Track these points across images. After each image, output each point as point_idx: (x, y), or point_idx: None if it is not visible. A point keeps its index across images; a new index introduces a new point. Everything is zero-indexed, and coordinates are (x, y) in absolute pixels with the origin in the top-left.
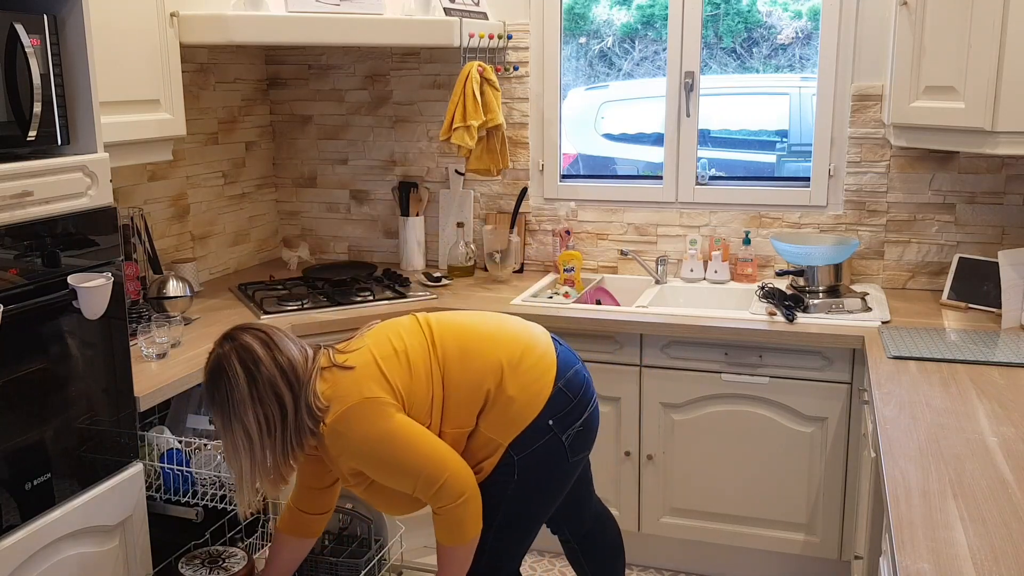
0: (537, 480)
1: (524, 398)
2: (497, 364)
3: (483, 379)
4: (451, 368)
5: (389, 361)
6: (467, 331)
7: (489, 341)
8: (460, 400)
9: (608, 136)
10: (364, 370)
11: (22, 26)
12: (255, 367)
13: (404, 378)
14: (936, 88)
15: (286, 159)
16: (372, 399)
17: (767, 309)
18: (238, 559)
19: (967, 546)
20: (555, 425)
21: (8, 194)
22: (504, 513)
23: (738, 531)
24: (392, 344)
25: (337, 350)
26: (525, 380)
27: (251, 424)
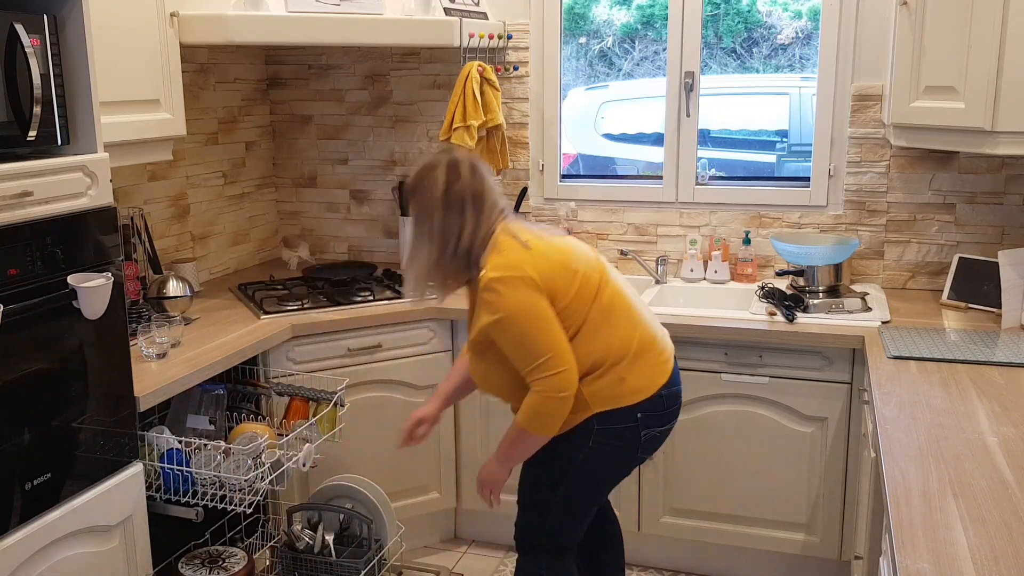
0: (607, 456)
1: (633, 384)
2: (629, 342)
3: (610, 346)
4: (593, 318)
5: (561, 270)
6: (622, 297)
7: (634, 319)
8: (582, 349)
9: (608, 136)
10: (539, 260)
11: (22, 26)
12: (454, 180)
13: (565, 290)
14: (936, 88)
15: (286, 159)
16: (534, 280)
17: (767, 309)
18: (238, 559)
19: (967, 546)
20: (642, 419)
21: (8, 194)
22: (573, 475)
23: (738, 531)
24: (574, 261)
25: (526, 227)
26: (641, 370)
27: (435, 227)
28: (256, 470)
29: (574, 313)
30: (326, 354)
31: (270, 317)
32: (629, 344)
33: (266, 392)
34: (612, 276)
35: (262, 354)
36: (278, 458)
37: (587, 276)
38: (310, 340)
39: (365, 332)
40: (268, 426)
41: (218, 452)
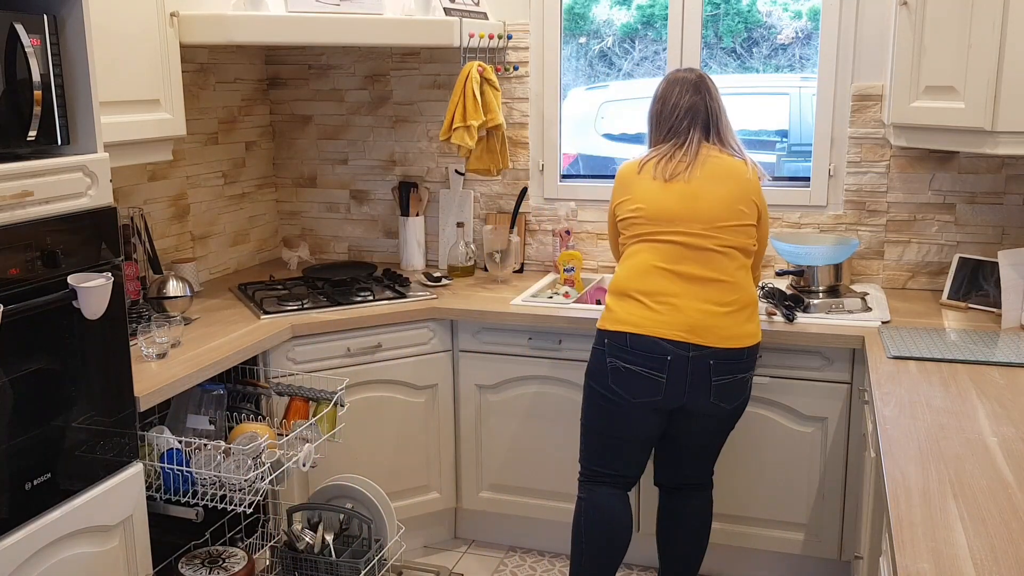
0: (593, 372)
1: (614, 315)
2: (628, 281)
3: (619, 274)
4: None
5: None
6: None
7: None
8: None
9: (608, 136)
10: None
11: (22, 26)
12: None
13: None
14: (936, 88)
15: (286, 159)
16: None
17: (767, 309)
18: (238, 559)
19: (967, 546)
20: (608, 346)
21: (8, 194)
22: (585, 392)
23: (738, 531)
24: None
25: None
26: (624, 307)
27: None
28: (256, 470)
29: (622, 232)
30: (326, 354)
31: (270, 317)
32: (628, 283)
33: (266, 392)
34: (690, 239)
35: (262, 354)
36: (278, 458)
37: (644, 219)
38: (310, 340)
39: (365, 332)
40: (268, 426)
41: (218, 452)
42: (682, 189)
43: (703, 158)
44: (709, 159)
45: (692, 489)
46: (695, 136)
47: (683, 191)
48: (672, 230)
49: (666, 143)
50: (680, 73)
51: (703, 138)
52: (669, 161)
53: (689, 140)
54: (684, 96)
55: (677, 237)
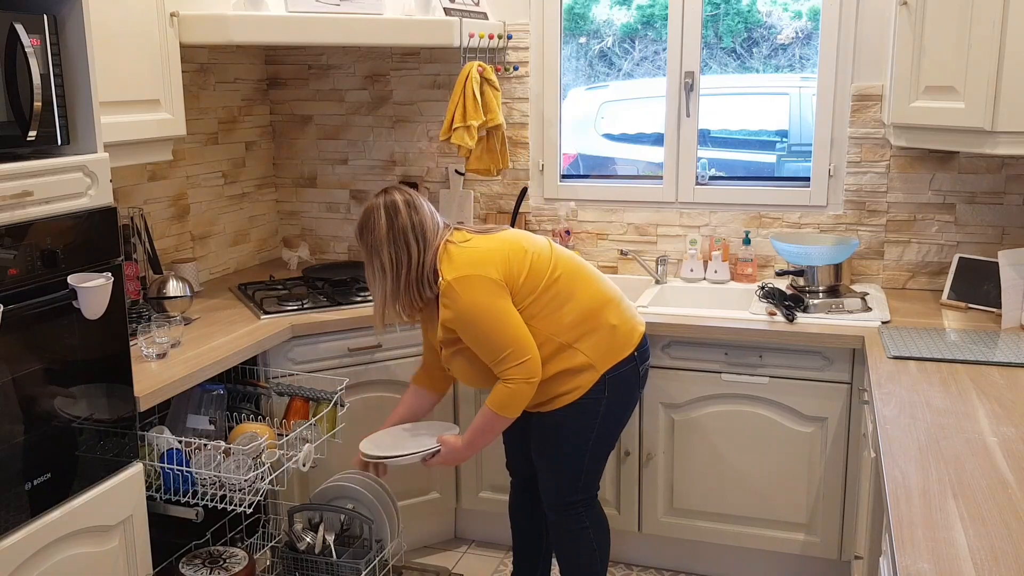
0: (621, 398)
1: (624, 328)
2: (604, 291)
3: (591, 297)
4: (563, 282)
5: (512, 252)
6: (577, 263)
7: (595, 277)
8: (561, 317)
9: (608, 136)
10: (489, 254)
11: (22, 26)
12: (394, 217)
13: (520, 268)
14: (936, 88)
15: (286, 159)
16: (488, 277)
17: (767, 309)
18: (239, 559)
19: (967, 546)
20: (638, 356)
21: (8, 194)
22: (598, 430)
23: (738, 531)
24: (523, 242)
25: (468, 232)
26: (625, 316)
27: (386, 261)
28: (256, 470)
29: (537, 287)
30: (326, 354)
31: (270, 317)
32: (605, 292)
33: (266, 392)
34: (562, 254)
35: (262, 354)
36: (278, 458)
37: (538, 253)
38: (310, 340)
39: (365, 332)
40: (268, 426)
41: (218, 452)
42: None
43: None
44: None
45: None
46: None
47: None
48: (548, 248)
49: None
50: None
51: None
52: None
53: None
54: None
55: (555, 250)
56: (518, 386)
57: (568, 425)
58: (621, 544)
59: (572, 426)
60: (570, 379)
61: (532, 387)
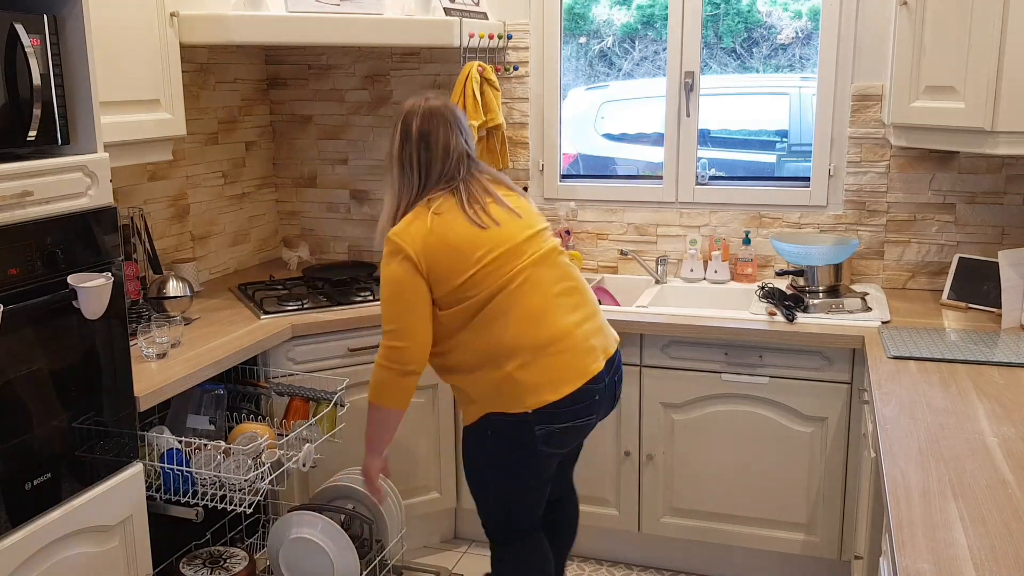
0: (508, 449)
1: (524, 387)
2: (524, 339)
3: (501, 342)
4: (492, 309)
5: (455, 259)
6: (540, 290)
7: (546, 315)
8: (474, 339)
9: (608, 136)
10: (430, 241)
11: (22, 26)
12: (404, 143)
13: (450, 276)
14: (936, 88)
15: (286, 159)
16: (410, 258)
17: (767, 309)
18: (239, 559)
19: (967, 546)
20: (533, 416)
21: (8, 194)
22: (489, 468)
23: (738, 531)
24: (482, 248)
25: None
26: (537, 369)
27: (395, 176)
28: (256, 470)
29: (466, 298)
30: (326, 354)
31: (270, 317)
32: (525, 341)
33: (266, 392)
34: (543, 258)
35: (262, 354)
36: (278, 458)
37: (496, 264)
38: (310, 340)
39: (365, 332)
40: (268, 426)
41: (218, 452)
42: (497, 212)
43: (484, 180)
44: (484, 178)
45: (569, 491)
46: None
47: (499, 214)
48: (525, 257)
49: (441, 189)
50: (426, 103)
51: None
52: (465, 201)
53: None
54: (451, 137)
55: (530, 262)
56: (380, 366)
57: (467, 447)
58: (621, 544)
59: (468, 452)
60: (462, 399)
61: (399, 376)
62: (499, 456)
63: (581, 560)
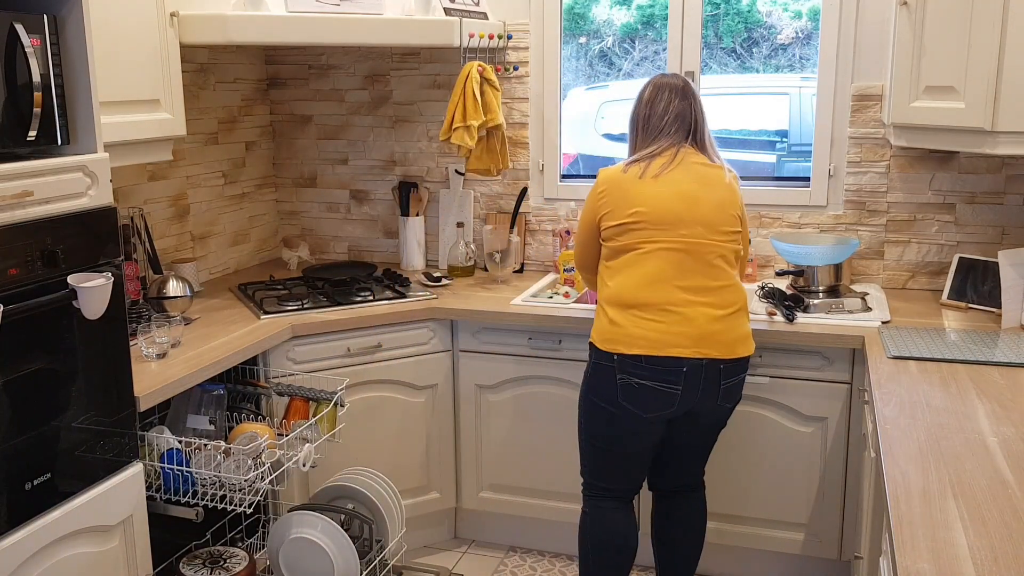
0: (597, 387)
1: (616, 332)
2: (634, 290)
3: (621, 286)
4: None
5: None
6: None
7: (660, 279)
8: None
9: (608, 136)
10: (611, 186)
11: (22, 26)
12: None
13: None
14: (936, 88)
15: (286, 159)
16: (595, 197)
17: (767, 309)
18: (239, 559)
19: (967, 546)
20: (618, 362)
21: (8, 194)
22: (585, 406)
23: (738, 531)
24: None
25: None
26: (629, 327)
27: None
28: (256, 470)
29: (613, 240)
30: (326, 354)
31: (270, 317)
32: (635, 294)
33: (266, 392)
34: (693, 246)
35: (262, 354)
36: (278, 458)
37: (645, 225)
38: (310, 340)
39: (365, 332)
40: (268, 426)
41: (218, 452)
42: (679, 191)
43: (689, 163)
44: (695, 165)
45: (689, 490)
46: (681, 141)
47: (681, 193)
48: (676, 234)
49: (651, 147)
50: (667, 78)
51: (688, 144)
52: (660, 164)
53: (676, 145)
54: (673, 101)
55: (680, 242)
56: None
57: (584, 379)
58: None
59: (584, 376)
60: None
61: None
62: (590, 395)
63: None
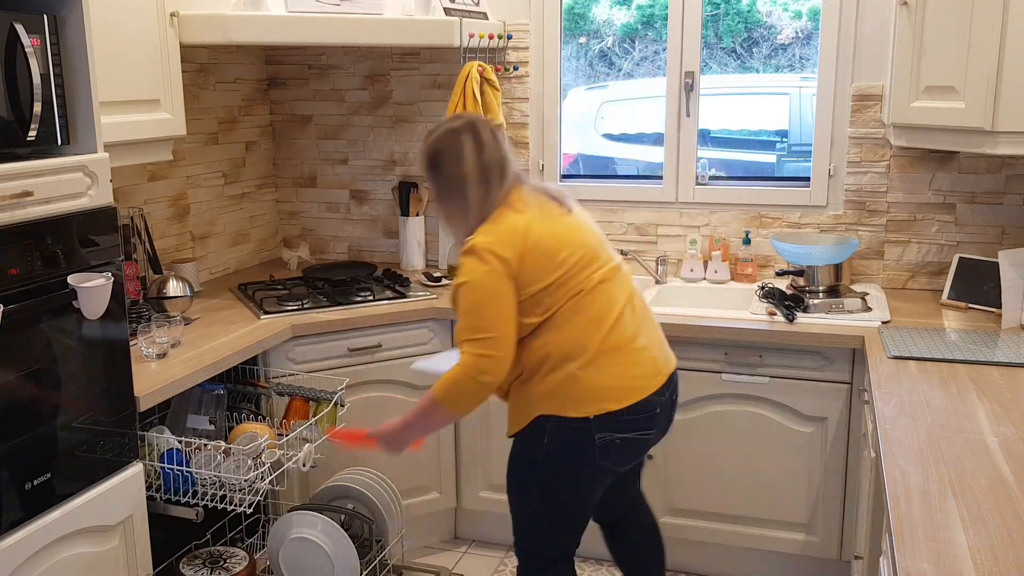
0: (564, 458)
1: (588, 384)
2: (590, 341)
3: (570, 340)
4: (565, 310)
5: (543, 258)
6: (610, 297)
7: (612, 320)
8: (542, 338)
9: (608, 136)
10: (521, 242)
11: (22, 26)
12: (482, 149)
13: (539, 278)
14: (936, 88)
15: (286, 159)
16: (506, 261)
17: (767, 309)
18: (239, 559)
19: (967, 546)
20: (594, 422)
21: (8, 194)
22: (540, 478)
23: (738, 531)
24: (566, 250)
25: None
26: (600, 371)
27: (470, 196)
28: (256, 470)
29: (544, 302)
30: (326, 354)
31: (270, 317)
32: (591, 342)
33: (266, 392)
34: (614, 272)
35: (262, 354)
36: (278, 458)
37: (576, 268)
38: (310, 340)
39: (365, 332)
40: (268, 426)
41: (218, 452)
42: (569, 224)
43: (537, 194)
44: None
45: (636, 506)
46: (517, 174)
47: (572, 225)
48: (600, 264)
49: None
50: (455, 124)
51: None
52: (533, 202)
53: (517, 178)
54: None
55: (607, 271)
56: (468, 374)
57: (512, 458)
58: None
59: (514, 462)
60: (517, 404)
61: (480, 386)
62: (552, 466)
63: (581, 560)
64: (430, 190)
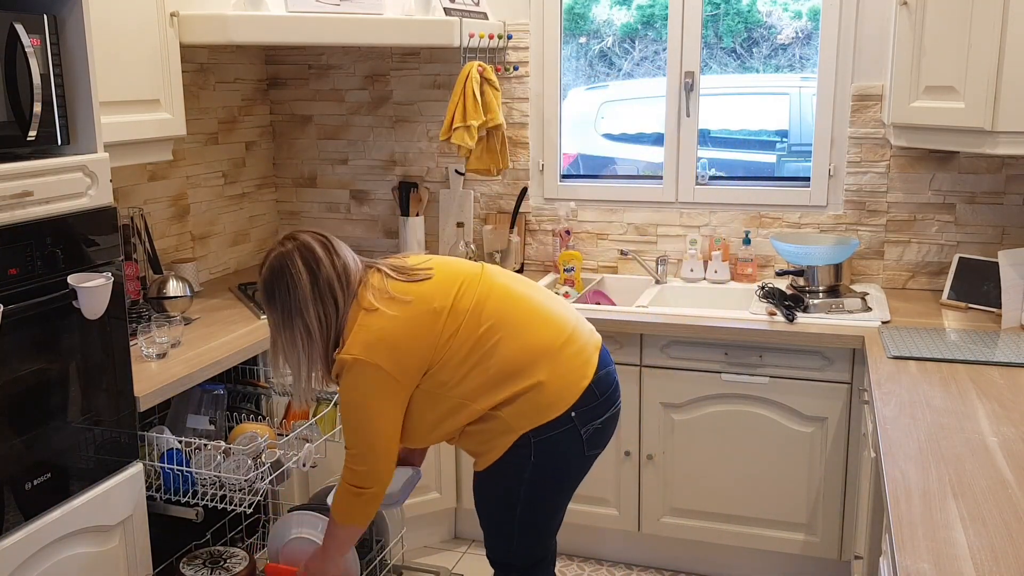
0: (554, 466)
1: (557, 386)
2: (535, 348)
3: (514, 359)
4: (483, 339)
5: (417, 327)
6: (513, 303)
7: (535, 321)
8: (485, 372)
9: (608, 136)
10: (389, 335)
11: (22, 26)
12: (316, 267)
13: (431, 341)
14: (936, 88)
15: (286, 159)
16: (379, 367)
17: (767, 309)
18: (239, 559)
19: (967, 546)
20: (577, 418)
21: (8, 194)
22: (526, 495)
23: (738, 531)
24: (435, 300)
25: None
26: (560, 370)
27: (312, 321)
28: (256, 470)
29: (455, 346)
30: None
31: None
32: (536, 349)
33: (266, 392)
34: (495, 285)
35: (262, 354)
36: (278, 458)
37: (457, 306)
38: None
39: None
40: (268, 426)
41: (218, 452)
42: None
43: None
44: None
45: None
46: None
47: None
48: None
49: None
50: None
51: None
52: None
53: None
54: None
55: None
56: (345, 487)
57: (488, 487)
58: (621, 544)
59: (492, 489)
60: (485, 439)
61: (358, 497)
62: (541, 481)
63: (581, 560)
64: (269, 323)
